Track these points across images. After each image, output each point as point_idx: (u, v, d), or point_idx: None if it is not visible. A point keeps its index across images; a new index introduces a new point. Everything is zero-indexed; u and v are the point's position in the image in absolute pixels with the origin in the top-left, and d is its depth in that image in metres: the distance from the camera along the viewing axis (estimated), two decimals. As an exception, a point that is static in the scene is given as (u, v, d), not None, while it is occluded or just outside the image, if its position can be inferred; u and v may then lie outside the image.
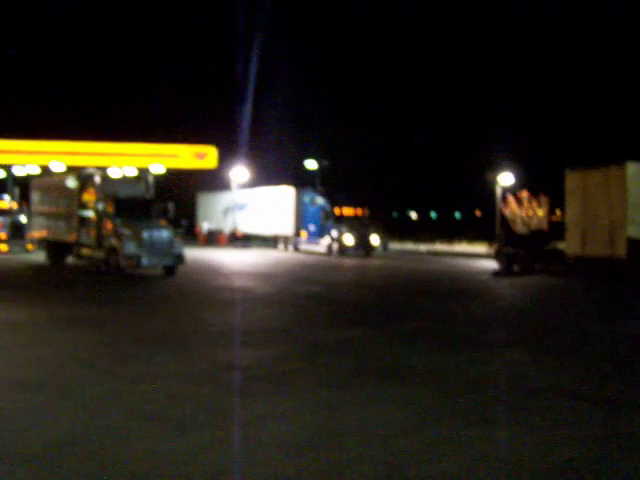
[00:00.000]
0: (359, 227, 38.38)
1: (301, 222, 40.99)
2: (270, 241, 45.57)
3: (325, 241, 38.78)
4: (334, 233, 38.03)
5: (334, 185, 48.06)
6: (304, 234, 40.81)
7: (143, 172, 26.32)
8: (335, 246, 37.85)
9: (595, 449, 5.98)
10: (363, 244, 37.59)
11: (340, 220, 39.35)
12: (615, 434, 6.39)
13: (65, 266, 26.26)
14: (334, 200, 41.71)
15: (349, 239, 37.22)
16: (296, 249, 41.75)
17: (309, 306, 15.95)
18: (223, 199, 48.93)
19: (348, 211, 41.24)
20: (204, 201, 52.61)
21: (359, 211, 41.85)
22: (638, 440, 6.24)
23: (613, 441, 6.19)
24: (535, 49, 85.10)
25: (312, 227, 40.33)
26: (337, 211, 40.66)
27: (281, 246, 42.86)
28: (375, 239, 38.38)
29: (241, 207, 46.50)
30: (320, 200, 41.13)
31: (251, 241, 46.73)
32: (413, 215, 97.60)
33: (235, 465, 5.57)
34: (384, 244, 41.63)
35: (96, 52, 74.65)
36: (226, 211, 47.37)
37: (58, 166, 30.60)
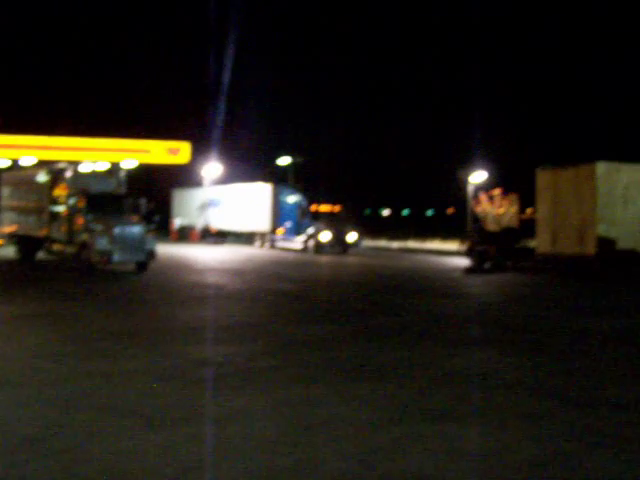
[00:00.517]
0: (336, 224, 38.16)
1: (278, 219, 40.56)
2: (246, 238, 45.18)
3: (301, 238, 38.48)
4: (310, 230, 37.74)
5: (307, 181, 47.89)
6: (281, 231, 40.39)
7: (115, 167, 26.10)
8: (311, 243, 37.58)
9: (564, 445, 6.06)
10: (340, 241, 37.38)
11: (317, 217, 38.99)
12: (583, 430, 6.47)
13: (36, 261, 26.01)
14: (311, 197, 41.46)
15: (325, 236, 36.96)
16: (272, 246, 41.31)
17: (281, 303, 15.97)
18: (199, 195, 48.54)
19: (325, 208, 40.77)
20: (180, 197, 52.17)
21: (336, 208, 41.27)
22: (605, 436, 6.32)
23: (581, 437, 6.27)
24: (509, 49, 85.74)
25: (289, 224, 39.97)
26: (314, 208, 40.33)
27: (257, 243, 42.47)
28: (352, 236, 38.23)
29: (216, 203, 46.13)
30: (297, 197, 40.82)
31: (227, 237, 46.39)
32: (386, 212, 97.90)
33: (207, 461, 5.57)
34: (358, 241, 41.59)
35: (69, 46, 73.98)
36: (202, 207, 47.03)
37: (29, 160, 30.25)
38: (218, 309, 14.49)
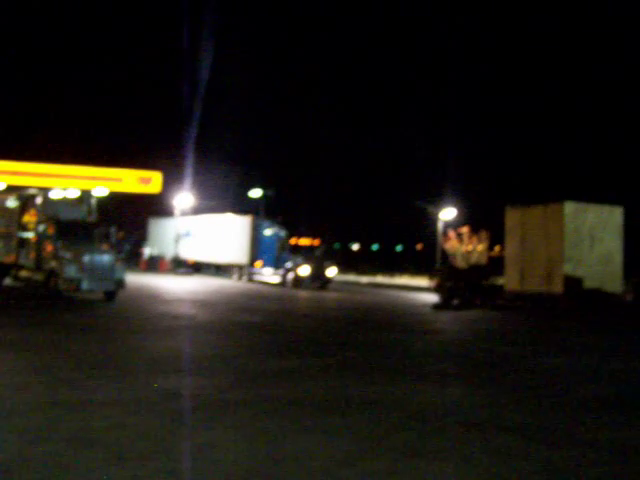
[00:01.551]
0: (315, 258, 37.58)
1: (256, 251, 39.61)
2: (223, 270, 44.34)
3: (280, 272, 37.55)
4: (288, 264, 36.87)
5: (285, 214, 47.49)
6: (259, 264, 39.39)
7: (86, 195, 25.95)
8: (290, 277, 36.71)
9: (532, 482, 6.11)
10: (319, 276, 36.73)
11: (296, 250, 38.18)
12: (551, 467, 6.53)
13: (2, 288, 25.67)
14: (291, 230, 40.64)
15: (304, 270, 36.25)
16: (250, 279, 40.28)
17: (251, 336, 15.92)
18: (174, 225, 47.86)
19: (305, 241, 39.78)
20: (155, 226, 51.47)
21: (315, 242, 40.30)
22: (573, 474, 6.38)
23: (550, 474, 6.32)
24: (477, 84, 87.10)
25: (267, 257, 38.86)
26: (294, 241, 39.46)
27: (235, 276, 41.43)
28: (331, 271, 37.62)
29: (189, 234, 45.56)
30: (276, 229, 39.91)
31: (201, 269, 45.79)
32: (355, 246, 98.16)
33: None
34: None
35: (39, 70, 73.76)
36: (178, 237, 46.64)
37: (-2, 185, 30.00)
38: (187, 340, 14.41)
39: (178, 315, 19.27)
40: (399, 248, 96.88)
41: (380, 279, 48.28)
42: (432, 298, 29.95)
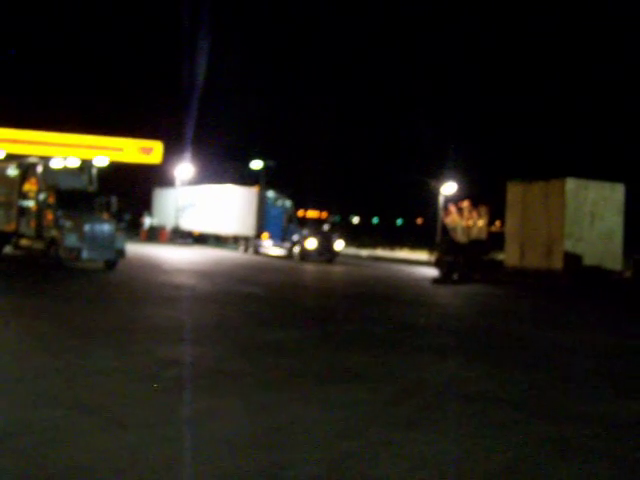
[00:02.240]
0: (322, 231, 36.95)
1: (263, 224, 39.05)
2: (226, 242, 44.01)
3: (287, 244, 37.14)
4: (295, 237, 36.32)
5: (293, 186, 46.98)
6: (265, 236, 38.84)
7: (86, 164, 25.88)
8: (297, 250, 36.14)
9: (531, 455, 6.16)
10: (326, 249, 36.06)
11: (303, 223, 37.33)
12: (549, 441, 6.58)
13: (2, 257, 25.69)
14: (298, 202, 39.96)
15: (311, 243, 35.56)
16: (256, 251, 39.75)
17: (252, 307, 15.97)
18: (180, 195, 47.19)
19: (312, 214, 38.71)
20: (159, 197, 50.82)
21: (323, 214, 39.32)
22: (570, 447, 6.43)
23: (548, 448, 6.38)
24: (481, 61, 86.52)
25: (274, 229, 38.21)
26: (301, 214, 38.57)
27: (241, 248, 40.95)
28: (339, 244, 37.01)
29: (193, 205, 44.92)
30: (283, 201, 39.34)
31: (209, 241, 45.35)
32: (355, 220, 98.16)
33: (175, 463, 5.56)
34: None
35: (43, 39, 73.22)
36: (180, 208, 46.22)
37: (-2, 153, 29.94)
38: (188, 310, 14.46)
39: (179, 285, 19.31)
40: (399, 222, 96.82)
41: (380, 252, 48.36)
42: (432, 272, 30.01)
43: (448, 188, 44.09)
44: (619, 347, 13.24)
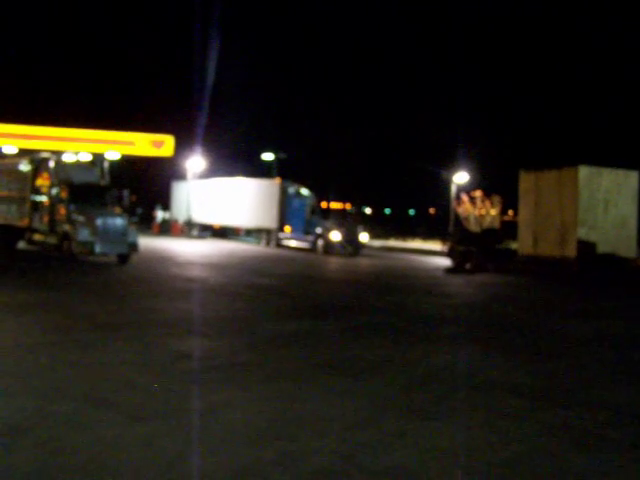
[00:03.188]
0: (347, 223, 35.97)
1: (285, 216, 38.05)
2: (238, 234, 43.41)
3: (310, 237, 36.01)
4: (318, 229, 35.28)
5: (315, 178, 46.52)
6: (288, 229, 37.84)
7: (98, 158, 25.93)
8: (320, 243, 35.09)
9: (547, 443, 6.13)
10: (351, 241, 34.92)
11: (327, 215, 36.55)
12: (565, 429, 6.54)
13: (16, 251, 25.83)
14: (320, 194, 38.79)
15: (336, 236, 34.54)
16: (278, 245, 38.66)
17: (266, 299, 15.96)
18: (195, 188, 46.45)
19: (336, 205, 38.06)
20: (177, 190, 49.68)
21: (347, 205, 39.11)
22: (587, 435, 6.40)
23: (564, 436, 6.34)
24: (492, 51, 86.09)
25: (296, 222, 37.29)
26: (324, 205, 37.61)
27: (263, 241, 39.87)
28: (364, 236, 36.00)
29: (212, 198, 44.09)
30: (306, 193, 38.16)
31: (228, 235, 44.66)
32: (368, 210, 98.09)
33: (190, 454, 5.57)
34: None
35: (54, 36, 73.42)
36: (193, 200, 45.43)
37: (10, 149, 30.00)
38: (202, 303, 14.48)
39: (194, 278, 19.33)
40: (412, 212, 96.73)
41: (393, 243, 48.27)
42: (445, 262, 29.94)
43: (460, 177, 43.94)
44: (635, 335, 13.16)
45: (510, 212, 34.08)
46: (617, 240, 26.40)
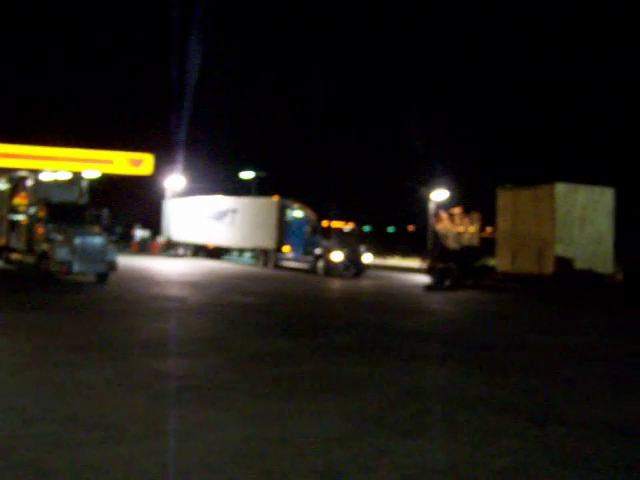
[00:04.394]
0: (349, 243, 34.04)
1: (284, 236, 36.38)
2: (240, 255, 41.97)
3: (310, 257, 34.32)
4: (318, 250, 33.57)
5: (314, 196, 45.46)
6: (287, 249, 36.13)
7: (77, 177, 25.85)
8: (320, 264, 33.42)
9: (525, 459, 6.17)
10: (353, 262, 33.38)
11: (328, 234, 34.55)
12: (545, 446, 6.60)
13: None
14: (320, 212, 37.26)
15: (337, 256, 32.92)
16: (276, 265, 36.98)
17: (247, 317, 15.94)
18: (193, 206, 44.92)
19: (337, 224, 35.99)
20: (172, 208, 48.12)
21: (349, 224, 36.59)
22: (567, 453, 6.45)
23: (543, 453, 6.39)
24: (470, 68, 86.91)
25: (295, 241, 35.67)
26: (325, 224, 35.73)
27: (260, 261, 38.26)
28: (367, 257, 34.52)
29: (218, 216, 42.02)
30: (304, 212, 36.48)
31: (224, 255, 43.04)
32: (347, 228, 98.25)
33: (170, 475, 5.55)
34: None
35: (30, 52, 73.19)
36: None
37: (-12, 168, 29.87)
38: (179, 322, 14.43)
39: (170, 297, 19.27)
40: (391, 230, 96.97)
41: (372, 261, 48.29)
42: (424, 279, 30.05)
43: (438, 195, 44.22)
44: (613, 350, 13.29)
45: (488, 229, 34.28)
46: (594, 256, 26.67)
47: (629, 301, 24.62)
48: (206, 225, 42.84)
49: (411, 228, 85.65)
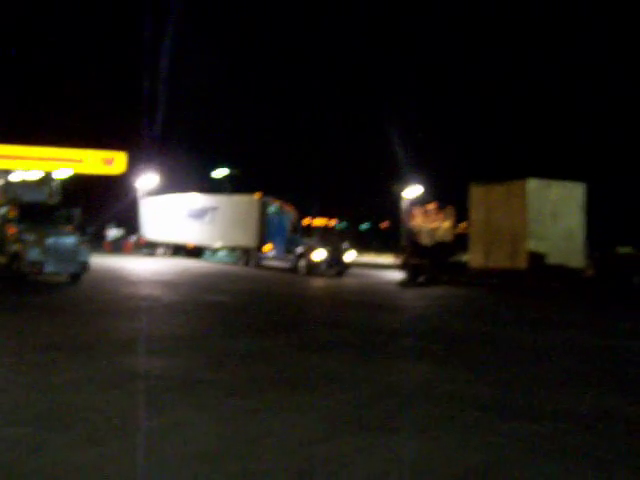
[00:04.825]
0: (331, 241, 33.60)
1: (265, 234, 35.78)
2: (221, 254, 41.04)
3: (291, 256, 33.90)
4: (300, 248, 33.17)
5: (296, 193, 44.97)
6: (268, 247, 35.56)
7: (48, 176, 25.56)
8: (302, 263, 32.99)
9: (504, 454, 6.21)
10: (336, 261, 32.99)
11: (309, 232, 34.25)
12: (522, 440, 6.64)
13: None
14: (302, 210, 36.93)
15: (318, 255, 32.52)
16: (258, 265, 36.39)
17: (223, 315, 15.90)
18: (170, 204, 44.07)
19: (319, 222, 35.35)
20: (150, 206, 47.13)
21: (331, 222, 35.99)
22: (543, 445, 6.50)
23: (521, 446, 6.43)
24: (442, 64, 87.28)
25: (276, 240, 35.11)
26: (307, 222, 35.27)
27: (241, 260, 37.67)
28: (350, 255, 34.00)
29: (198, 215, 41.22)
30: (286, 209, 36.08)
31: (204, 254, 42.20)
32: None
33: (144, 476, 5.52)
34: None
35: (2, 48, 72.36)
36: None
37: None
38: (153, 321, 14.35)
39: (143, 296, 19.15)
40: (365, 226, 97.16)
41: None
42: (398, 275, 30.14)
43: (411, 191, 44.37)
44: (586, 345, 13.42)
45: (462, 225, 34.46)
46: (566, 251, 26.90)
47: (600, 296, 24.90)
48: (185, 224, 42.11)
49: (385, 224, 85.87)
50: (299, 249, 33.30)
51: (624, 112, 59.17)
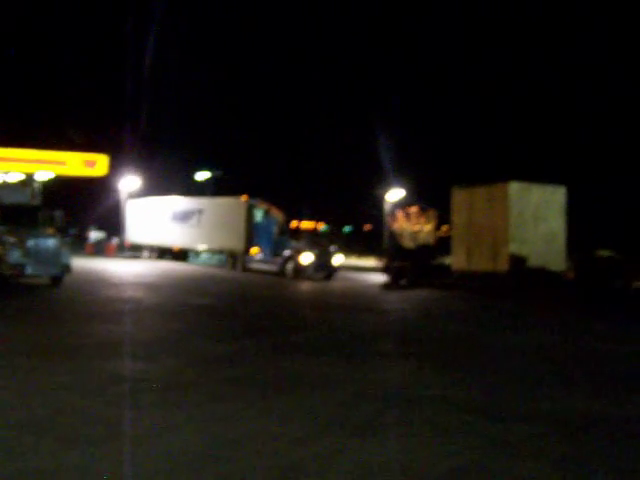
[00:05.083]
0: (319, 244, 33.31)
1: (252, 237, 35.22)
2: (206, 257, 41.18)
3: (279, 259, 33.36)
4: (287, 251, 32.81)
5: (284, 195, 44.67)
6: (255, 250, 34.96)
7: (29, 178, 25.41)
8: (290, 266, 32.58)
9: (480, 457, 6.25)
10: (324, 264, 32.67)
11: (296, 235, 33.87)
12: (499, 443, 6.70)
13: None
14: (291, 213, 36.53)
15: (307, 258, 32.09)
16: (245, 268, 35.77)
17: (206, 320, 15.88)
18: (156, 207, 43.70)
19: (307, 225, 35.07)
20: (135, 209, 46.70)
21: (319, 225, 35.87)
22: (520, 448, 6.56)
23: (498, 449, 6.49)
24: (425, 67, 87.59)
25: (263, 243, 34.65)
26: (294, 225, 34.94)
27: (227, 264, 37.40)
28: (338, 259, 33.55)
29: (182, 217, 40.87)
30: (273, 212, 35.55)
31: (190, 257, 42.07)
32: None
33: (127, 479, 5.53)
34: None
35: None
36: (160, 220, 42.72)
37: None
38: (134, 323, 14.31)
39: (126, 299, 19.09)
40: (348, 229, 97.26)
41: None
42: (380, 278, 30.22)
43: (393, 194, 44.49)
44: (566, 347, 13.53)
45: (444, 227, 34.57)
46: (547, 254, 27.07)
47: (580, 298, 25.11)
48: (171, 226, 41.72)
49: (367, 227, 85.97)
50: (287, 252, 32.97)
51: (624, 112, 59.21)
